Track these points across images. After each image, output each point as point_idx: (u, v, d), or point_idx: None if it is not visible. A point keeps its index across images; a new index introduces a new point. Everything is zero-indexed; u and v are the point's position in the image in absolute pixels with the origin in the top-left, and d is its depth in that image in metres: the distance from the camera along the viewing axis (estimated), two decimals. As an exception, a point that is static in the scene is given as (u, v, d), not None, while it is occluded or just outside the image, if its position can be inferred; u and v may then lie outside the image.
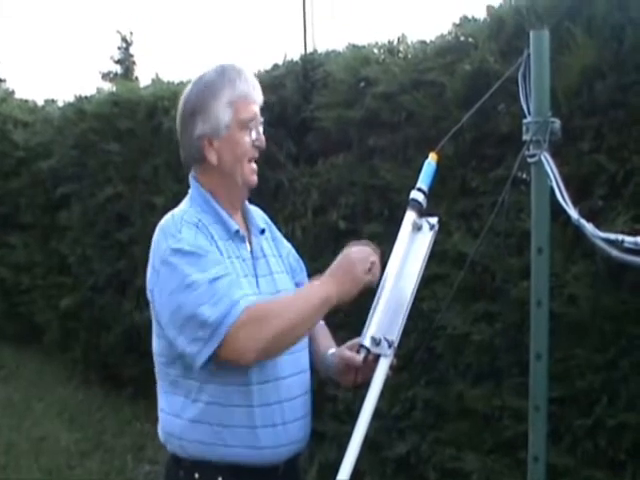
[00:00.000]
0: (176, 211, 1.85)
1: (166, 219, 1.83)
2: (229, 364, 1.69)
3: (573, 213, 1.50)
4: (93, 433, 5.05)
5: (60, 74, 51.37)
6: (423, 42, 3.44)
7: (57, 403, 5.65)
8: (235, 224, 1.87)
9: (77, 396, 5.80)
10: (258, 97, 1.92)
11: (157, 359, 1.87)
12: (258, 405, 1.77)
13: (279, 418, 1.79)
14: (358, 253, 1.77)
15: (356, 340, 1.81)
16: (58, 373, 6.30)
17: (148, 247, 1.83)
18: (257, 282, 1.84)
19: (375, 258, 1.78)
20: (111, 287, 5.72)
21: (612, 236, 1.33)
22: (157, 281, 1.76)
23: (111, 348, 5.72)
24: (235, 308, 1.65)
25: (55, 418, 5.35)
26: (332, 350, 1.91)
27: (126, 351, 5.53)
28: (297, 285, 2.00)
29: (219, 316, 1.64)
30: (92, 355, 6.02)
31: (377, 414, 1.66)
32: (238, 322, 1.64)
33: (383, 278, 1.77)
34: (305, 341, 1.92)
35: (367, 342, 1.73)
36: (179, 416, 1.80)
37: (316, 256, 3.70)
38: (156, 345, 1.87)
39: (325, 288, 1.72)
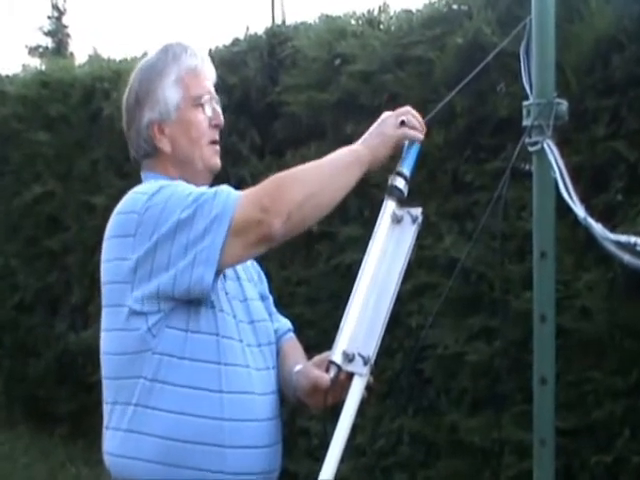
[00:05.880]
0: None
1: (134, 189, 1.84)
2: (258, 247, 1.74)
3: (579, 211, 1.52)
4: (17, 483, 5.00)
5: (-24, 48, 50.85)
6: (408, 12, 3.46)
7: (-28, 449, 5.58)
8: None
9: (-3, 439, 5.74)
10: (210, 73, 1.96)
11: (114, 360, 1.83)
12: (228, 419, 1.78)
13: (250, 440, 1.81)
14: (393, 112, 1.91)
15: (325, 354, 1.81)
16: (-26, 411, 6.24)
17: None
18: (224, 277, 1.86)
19: (414, 112, 1.90)
20: (40, 305, 5.68)
21: (624, 238, 1.34)
22: (132, 241, 1.77)
23: (40, 379, 5.66)
24: (233, 193, 1.72)
25: (-31, 467, 5.28)
26: (298, 367, 1.92)
27: (59, 382, 5.49)
28: (261, 296, 2.04)
29: (227, 193, 1.71)
30: (17, 388, 5.95)
31: (357, 450, 1.67)
32: (254, 190, 1.72)
33: (356, 282, 1.77)
34: (275, 359, 1.95)
35: (338, 358, 1.71)
36: (134, 431, 1.78)
37: (286, 264, 3.71)
38: (117, 342, 1.83)
39: (353, 147, 1.83)
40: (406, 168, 1.86)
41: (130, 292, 1.78)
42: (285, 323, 2.10)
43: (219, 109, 1.95)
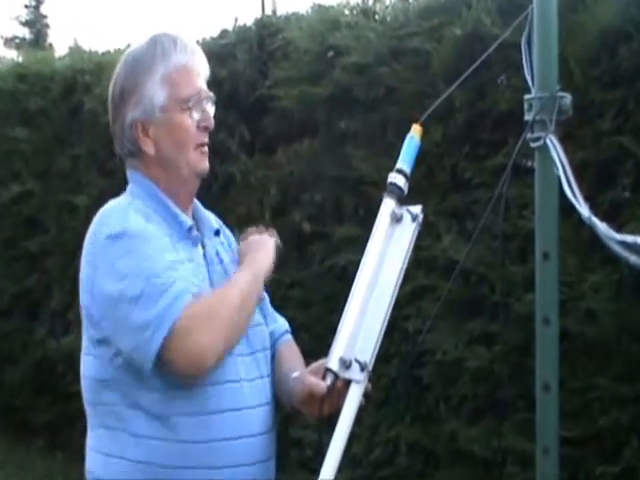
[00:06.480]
0: (120, 199, 1.88)
1: (109, 204, 1.85)
2: (186, 370, 1.71)
3: (583, 209, 1.52)
4: (-8, 498, 4.98)
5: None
6: (404, 1, 3.49)
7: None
8: (188, 220, 1.90)
9: (-29, 451, 5.70)
10: (201, 68, 1.93)
11: (89, 385, 1.85)
12: (220, 439, 1.77)
13: (242, 457, 1.80)
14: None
15: (322, 361, 1.81)
16: (-53, 422, 6.20)
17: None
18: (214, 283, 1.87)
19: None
20: (18, 309, 5.66)
21: (630, 238, 1.34)
22: (93, 275, 1.78)
23: (17, 387, 5.64)
24: (180, 300, 1.71)
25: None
26: (295, 374, 1.91)
27: (38, 391, 5.47)
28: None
29: (165, 306, 1.69)
30: (-6, 396, 5.95)
31: (352, 460, 1.67)
32: (186, 314, 1.70)
33: (354, 285, 1.77)
34: (270, 366, 1.95)
35: (334, 365, 1.71)
36: (115, 455, 1.78)
37: (277, 266, 3.70)
38: (90, 367, 1.84)
39: (242, 268, 1.90)
40: (406, 165, 1.83)
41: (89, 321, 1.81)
42: (282, 324, 2.09)
43: (210, 109, 1.91)
